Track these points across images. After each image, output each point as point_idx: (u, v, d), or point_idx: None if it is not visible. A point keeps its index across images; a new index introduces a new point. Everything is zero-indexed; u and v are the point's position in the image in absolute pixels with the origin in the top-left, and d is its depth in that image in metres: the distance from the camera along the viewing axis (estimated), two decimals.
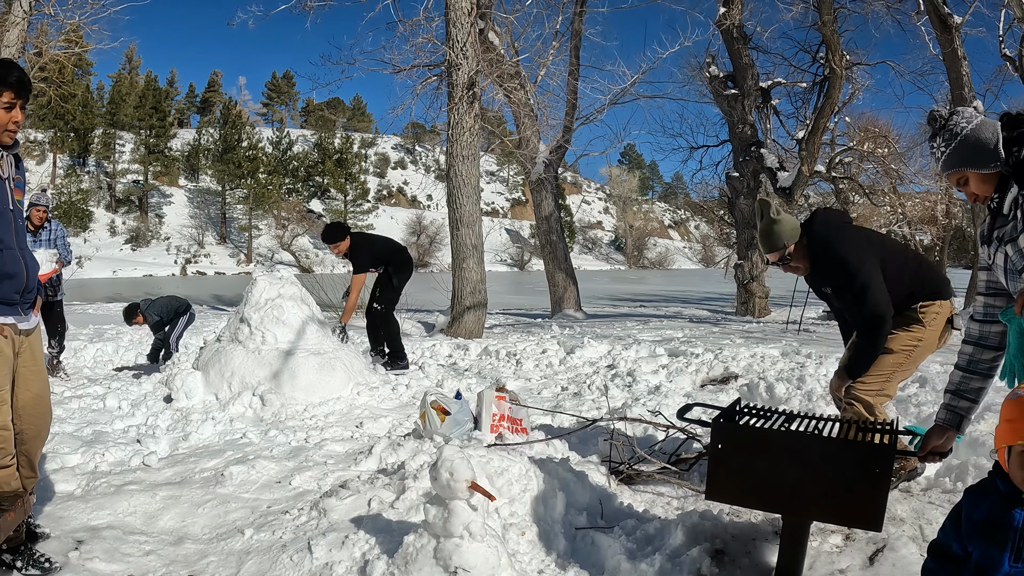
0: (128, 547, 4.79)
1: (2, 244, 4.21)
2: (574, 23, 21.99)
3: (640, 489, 5.37)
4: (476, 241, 14.08)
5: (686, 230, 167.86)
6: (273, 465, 6.21)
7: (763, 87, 22.27)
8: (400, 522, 4.62)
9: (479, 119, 14.49)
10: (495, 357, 11.07)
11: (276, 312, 8.89)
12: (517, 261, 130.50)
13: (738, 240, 23.08)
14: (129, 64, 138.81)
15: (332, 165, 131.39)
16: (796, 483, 3.84)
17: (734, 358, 9.69)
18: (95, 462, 6.61)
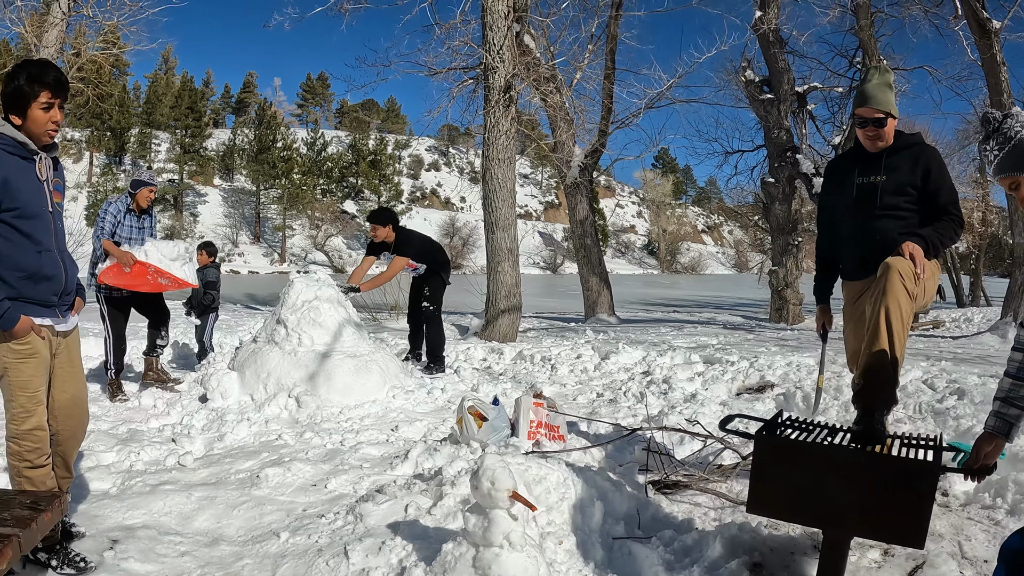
0: (163, 547, 4.79)
1: (41, 246, 4.25)
2: (610, 26, 21.91)
3: (677, 499, 5.30)
4: (511, 245, 14.05)
5: (720, 235, 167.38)
6: (309, 468, 6.20)
7: (799, 92, 22.07)
8: (437, 529, 4.59)
9: (515, 122, 14.45)
10: (530, 362, 11.03)
11: (313, 314, 8.90)
12: (550, 264, 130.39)
13: (773, 246, 22.93)
14: (165, 65, 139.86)
15: (366, 166, 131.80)
16: (839, 498, 3.78)
17: (770, 366, 9.60)
18: (130, 460, 6.64)
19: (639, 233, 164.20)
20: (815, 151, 23.21)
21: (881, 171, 5.05)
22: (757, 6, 21.07)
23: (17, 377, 4.26)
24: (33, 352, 4.28)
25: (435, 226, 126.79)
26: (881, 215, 5.01)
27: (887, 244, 4.75)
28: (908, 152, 5.00)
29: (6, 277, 4.16)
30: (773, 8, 20.78)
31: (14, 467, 4.38)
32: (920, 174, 4.92)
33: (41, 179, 4.28)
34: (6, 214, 4.12)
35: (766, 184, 22.12)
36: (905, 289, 4.30)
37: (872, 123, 5.00)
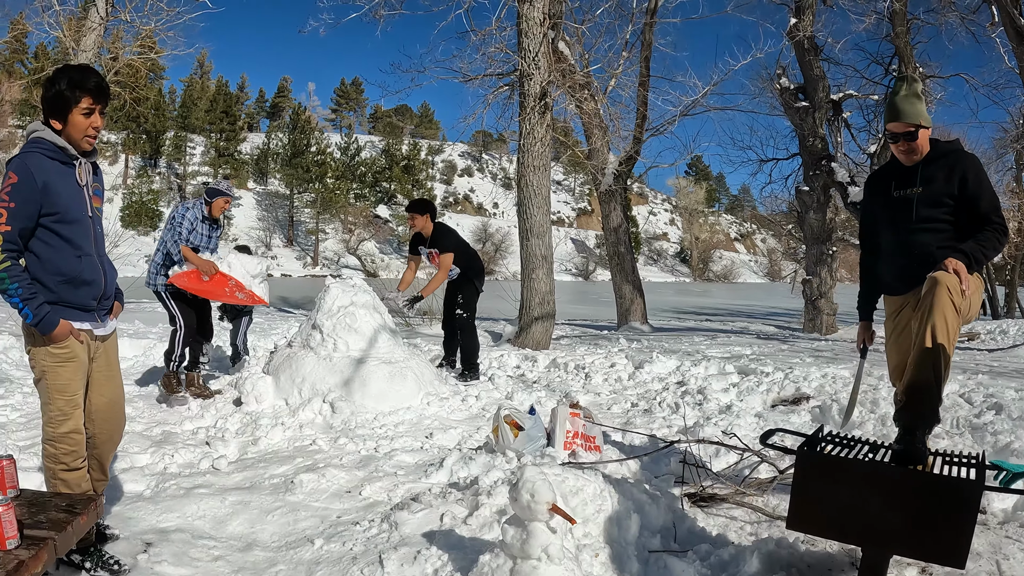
0: (197, 551, 4.81)
1: (81, 251, 4.28)
2: (645, 33, 21.83)
3: (713, 512, 5.26)
4: (546, 252, 14.02)
5: (752, 243, 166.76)
6: (343, 474, 6.20)
7: (834, 99, 21.88)
8: (473, 539, 4.57)
9: (550, 129, 14.43)
10: (563, 370, 10.99)
11: (348, 320, 8.91)
12: (582, 271, 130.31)
13: (807, 255, 22.76)
14: (201, 69, 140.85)
15: (399, 171, 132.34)
16: (880, 515, 3.74)
17: (805, 378, 9.51)
18: (164, 463, 6.68)
19: (671, 241, 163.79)
20: (850, 159, 23.04)
21: (917, 183, 4.99)
22: (792, 13, 20.95)
23: (55, 380, 4.30)
24: (72, 356, 4.32)
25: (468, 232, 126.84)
26: (918, 228, 4.94)
27: (926, 258, 4.71)
28: (944, 161, 4.94)
29: (46, 281, 4.19)
30: (808, 15, 20.63)
31: (50, 469, 4.40)
32: (957, 183, 4.85)
33: (81, 184, 4.31)
34: (46, 219, 4.16)
35: (801, 193, 21.96)
36: (953, 305, 4.25)
37: (904, 137, 4.95)
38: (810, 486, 3.92)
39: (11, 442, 7.15)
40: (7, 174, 4.08)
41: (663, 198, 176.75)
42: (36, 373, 4.35)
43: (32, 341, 4.30)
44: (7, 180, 4.07)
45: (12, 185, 4.06)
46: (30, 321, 4.15)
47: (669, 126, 22.69)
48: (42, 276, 4.19)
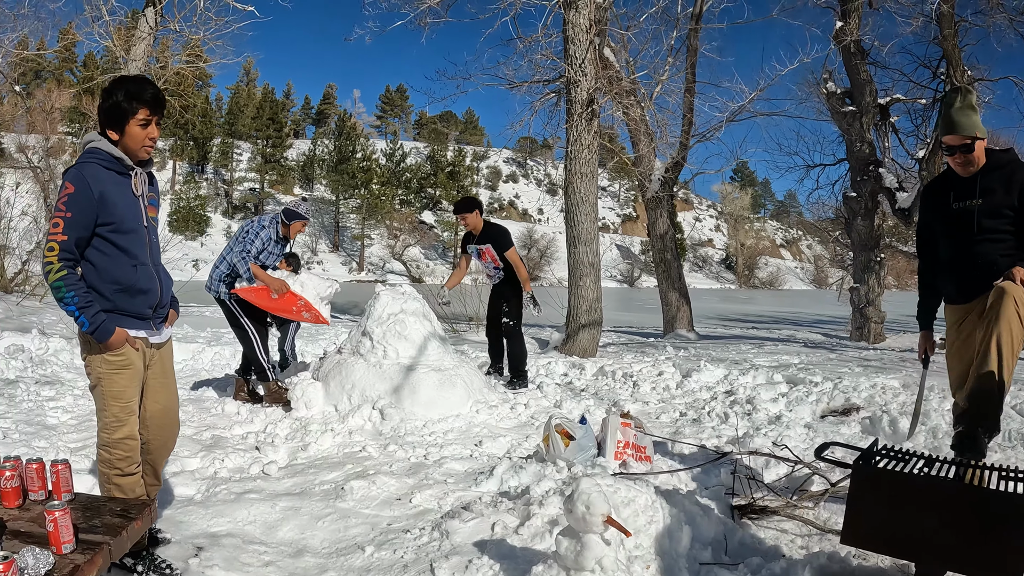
0: (247, 556, 4.83)
1: (136, 260, 4.32)
2: (690, 39, 21.74)
3: (764, 525, 5.21)
4: (593, 259, 13.98)
5: (798, 249, 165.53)
6: (393, 481, 6.20)
7: (881, 104, 21.58)
8: (525, 549, 4.56)
9: (598, 136, 14.40)
10: (611, 378, 10.94)
11: (398, 327, 8.93)
12: (627, 277, 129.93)
13: (854, 262, 22.52)
14: (247, 77, 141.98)
15: (444, 177, 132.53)
16: (936, 531, 3.70)
17: (854, 388, 9.40)
18: (215, 467, 6.73)
19: (717, 247, 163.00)
20: (898, 165, 22.72)
21: (976, 194, 4.96)
22: (838, 16, 20.73)
23: (111, 387, 4.34)
24: (127, 363, 4.36)
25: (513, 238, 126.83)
26: (980, 239, 4.91)
27: (988, 268, 4.67)
28: (1002, 172, 4.90)
29: (102, 290, 4.24)
30: (854, 18, 20.37)
31: (104, 474, 4.44)
32: (1016, 194, 4.81)
33: (136, 194, 4.35)
34: (103, 228, 4.20)
35: (848, 199, 21.70)
36: (1019, 316, 4.21)
37: (960, 150, 4.91)
38: (865, 501, 3.88)
39: (63, 444, 7.25)
40: (63, 184, 4.13)
41: (708, 204, 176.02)
42: (92, 380, 4.39)
43: (88, 349, 4.34)
44: (63, 190, 4.11)
45: (69, 195, 4.10)
46: (86, 329, 4.18)
47: (716, 132, 22.58)
48: (98, 285, 4.24)
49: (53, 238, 4.09)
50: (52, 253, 4.09)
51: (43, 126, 40.14)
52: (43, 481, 3.94)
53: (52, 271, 4.09)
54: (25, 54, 24.77)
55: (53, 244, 4.09)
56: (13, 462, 3.88)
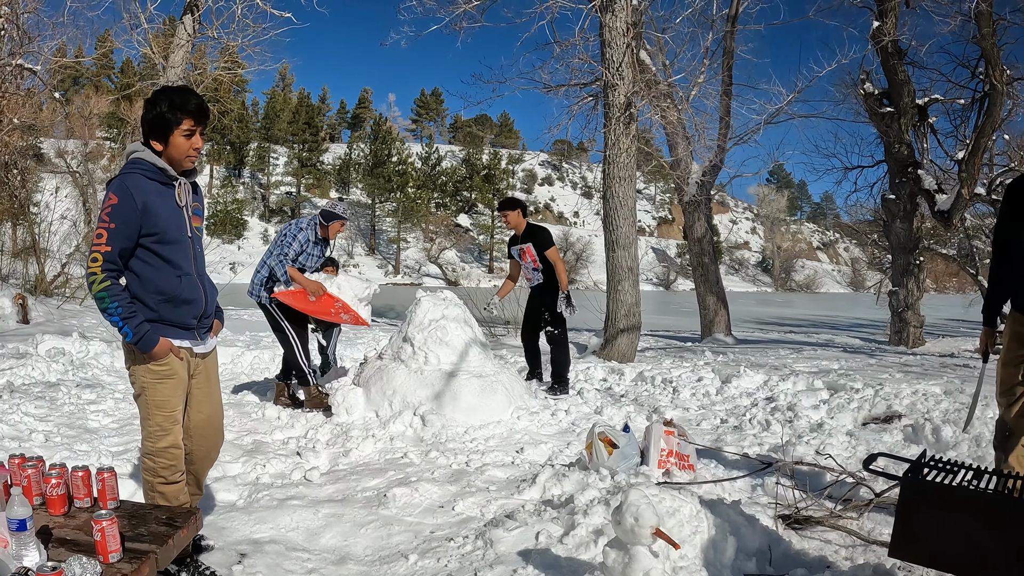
0: (290, 563, 4.84)
1: (180, 270, 4.34)
2: (726, 41, 21.64)
3: (807, 535, 5.17)
4: (632, 263, 13.93)
5: (835, 252, 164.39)
6: (436, 488, 6.21)
7: (920, 104, 21.32)
8: (569, 559, 4.54)
9: (635, 140, 14.36)
10: (651, 384, 10.88)
11: (440, 333, 8.93)
12: (663, 280, 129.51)
13: (893, 265, 22.30)
14: (283, 81, 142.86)
15: (480, 180, 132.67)
16: (987, 546, 3.64)
17: (896, 395, 9.29)
18: (256, 473, 6.76)
19: (753, 250, 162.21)
20: (937, 166, 22.48)
21: None
22: (875, 16, 20.52)
23: (154, 397, 4.36)
24: (171, 373, 4.38)
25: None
26: None
27: None
28: None
29: (146, 300, 4.26)
30: (891, 18, 20.14)
31: (148, 482, 4.47)
32: None
33: (180, 205, 4.36)
34: (146, 239, 4.22)
35: (887, 201, 21.47)
36: None
37: None
38: (914, 515, 3.82)
39: (104, 448, 7.30)
40: (107, 195, 4.15)
41: (744, 207, 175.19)
42: (136, 389, 4.41)
43: (132, 358, 4.37)
44: (107, 201, 4.13)
45: (112, 206, 4.11)
46: (130, 339, 4.20)
47: (753, 134, 22.47)
48: (142, 295, 4.26)
49: (96, 249, 4.11)
50: (95, 264, 4.11)
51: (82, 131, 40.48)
52: (88, 489, 3.96)
53: (96, 282, 4.11)
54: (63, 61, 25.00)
55: (96, 255, 4.11)
56: (59, 470, 3.89)
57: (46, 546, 3.39)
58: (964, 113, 22.26)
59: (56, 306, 19.36)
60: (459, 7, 15.34)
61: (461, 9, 15.38)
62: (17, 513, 3.17)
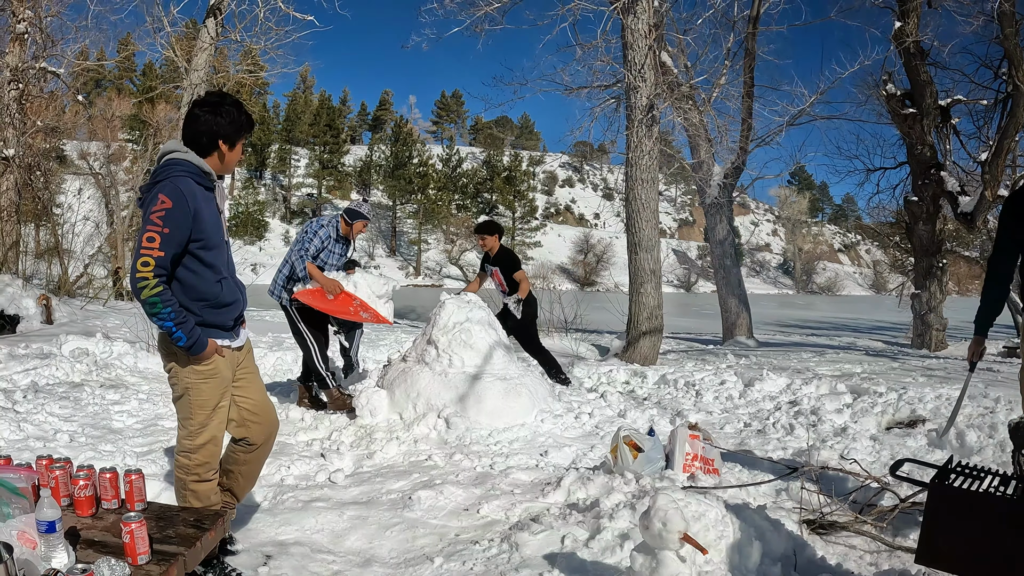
0: (315, 565, 4.85)
1: (220, 275, 4.39)
2: (748, 42, 21.58)
3: (832, 540, 5.14)
4: (654, 266, 13.93)
5: (857, 254, 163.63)
6: (460, 491, 6.20)
7: (942, 105, 21.13)
8: (595, 563, 4.54)
9: (658, 142, 14.34)
10: (673, 387, 10.85)
11: (464, 336, 8.92)
12: (684, 283, 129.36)
13: (915, 268, 22.17)
14: (304, 84, 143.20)
15: (501, 182, 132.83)
16: (1015, 553, 3.61)
17: (920, 399, 9.22)
18: (281, 474, 6.76)
19: (774, 252, 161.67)
20: (960, 168, 22.35)
21: None
22: (897, 17, 20.38)
23: (198, 397, 4.41)
24: (215, 372, 4.43)
25: (569, 242, 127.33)
26: None
27: None
28: None
29: (190, 307, 4.28)
30: (913, 18, 20.00)
31: (181, 480, 4.51)
32: None
33: (220, 210, 4.40)
34: (193, 244, 4.23)
35: (909, 203, 21.32)
36: None
37: None
38: (941, 521, 3.79)
39: (129, 448, 7.33)
40: (157, 197, 4.11)
41: (765, 208, 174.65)
42: (178, 390, 4.45)
43: (175, 360, 4.39)
44: (158, 203, 4.09)
45: (167, 210, 4.08)
46: (183, 344, 4.20)
47: (775, 136, 22.36)
48: (186, 302, 4.28)
49: (148, 253, 4.05)
50: (147, 268, 4.05)
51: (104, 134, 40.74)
52: (116, 490, 3.98)
53: (147, 287, 4.06)
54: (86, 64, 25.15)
55: (148, 259, 4.05)
56: (87, 471, 3.92)
57: (74, 547, 3.41)
58: (987, 114, 22.08)
59: (80, 307, 19.49)
60: (480, 9, 15.35)
61: (482, 11, 15.39)
62: (46, 515, 3.19)
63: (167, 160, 4.28)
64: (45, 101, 23.28)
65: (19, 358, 10.98)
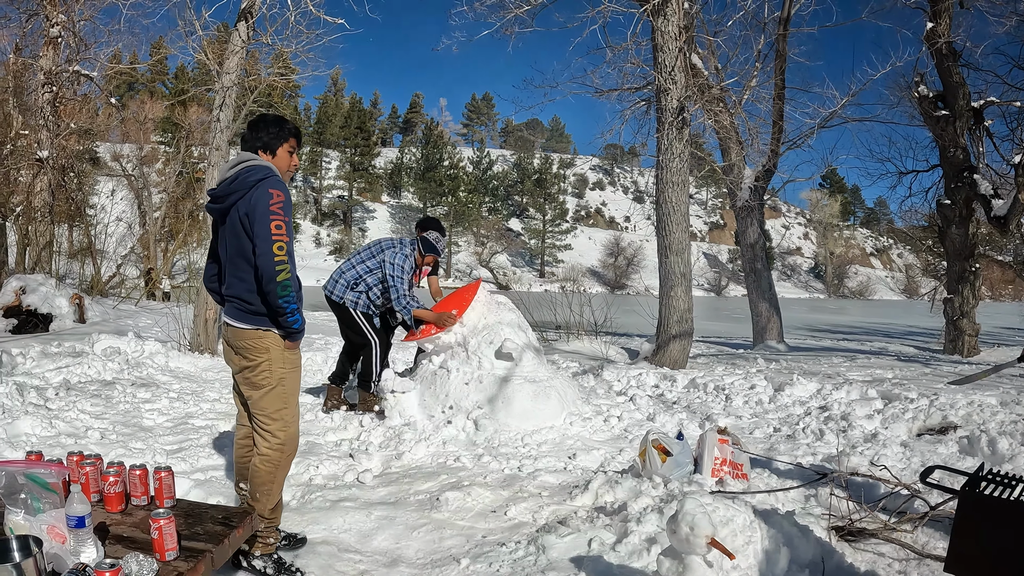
0: (342, 564, 4.86)
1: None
2: (778, 43, 21.43)
3: (861, 547, 5.09)
4: (684, 269, 13.88)
5: (889, 258, 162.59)
6: (488, 493, 6.21)
7: (975, 107, 20.87)
8: (622, 567, 4.53)
9: (689, 145, 14.30)
10: (703, 391, 10.81)
11: (493, 338, 8.91)
12: (714, 286, 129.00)
13: (948, 272, 21.96)
14: (335, 87, 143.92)
15: (531, 185, 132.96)
16: None
17: (951, 405, 9.12)
18: (309, 474, 6.79)
19: (805, 256, 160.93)
20: (993, 170, 22.06)
21: None
22: (928, 17, 20.19)
23: (292, 385, 4.61)
24: (299, 362, 4.67)
25: (599, 245, 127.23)
26: None
27: None
28: None
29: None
30: (945, 19, 19.81)
31: (269, 473, 4.62)
32: None
33: None
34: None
35: (942, 206, 21.09)
36: None
37: None
38: (972, 529, 3.75)
39: (158, 446, 7.39)
40: (268, 192, 4.33)
41: (797, 211, 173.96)
42: (270, 383, 4.54)
43: (268, 354, 4.54)
44: (275, 197, 4.32)
45: (283, 202, 4.34)
46: (297, 326, 4.45)
47: (807, 138, 22.25)
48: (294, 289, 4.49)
49: (280, 239, 4.30)
50: (282, 252, 4.30)
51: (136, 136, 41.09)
52: (146, 487, 4.02)
53: (285, 270, 4.30)
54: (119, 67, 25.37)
55: (282, 244, 4.30)
56: (117, 468, 3.95)
57: (103, 543, 3.44)
58: (1021, 116, 21.81)
59: (112, 306, 19.62)
60: (510, 12, 15.35)
61: (512, 14, 15.38)
62: (76, 510, 3.22)
63: (251, 166, 4.50)
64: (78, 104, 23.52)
65: (52, 356, 11.07)
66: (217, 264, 4.76)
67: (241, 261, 4.43)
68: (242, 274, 4.44)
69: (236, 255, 4.45)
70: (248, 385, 4.58)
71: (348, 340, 9.59)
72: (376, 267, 9.24)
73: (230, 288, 4.53)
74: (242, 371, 4.59)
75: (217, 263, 4.76)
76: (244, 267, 4.42)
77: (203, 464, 6.96)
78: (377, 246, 9.44)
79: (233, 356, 4.64)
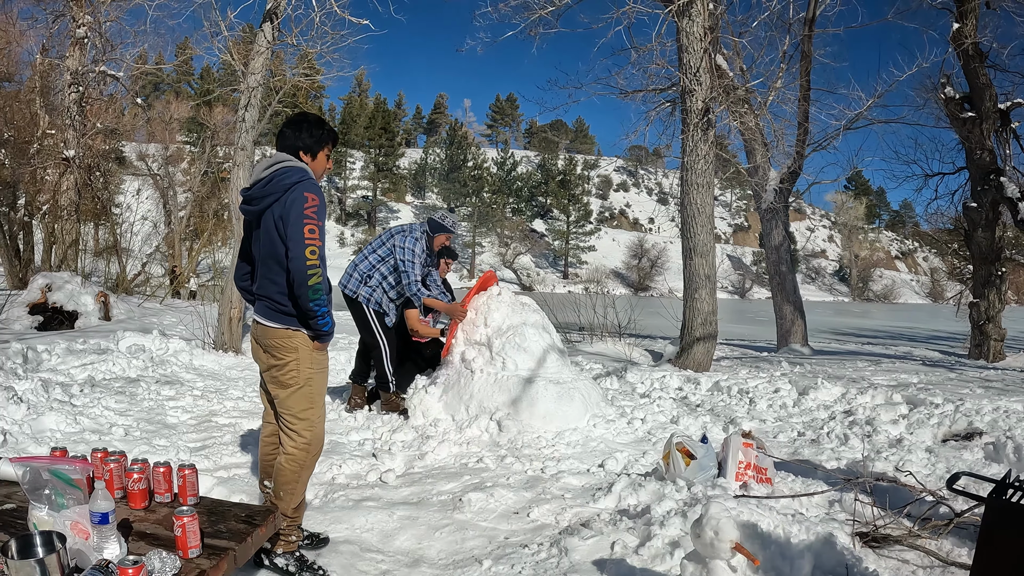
0: (364, 564, 4.87)
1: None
2: (804, 45, 21.32)
3: (884, 554, 5.05)
4: (709, 271, 13.83)
5: (914, 261, 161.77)
6: (511, 494, 6.20)
7: (1002, 109, 20.62)
8: (645, 570, 4.52)
9: (714, 147, 14.24)
10: (727, 394, 10.77)
11: (518, 339, 8.91)
12: (738, 289, 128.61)
13: (974, 276, 21.76)
14: (359, 87, 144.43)
15: (555, 186, 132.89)
16: None
17: (977, 411, 9.03)
18: (332, 473, 6.81)
19: (830, 258, 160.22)
20: (1020, 173, 21.78)
21: None
22: (955, 18, 20.02)
23: (319, 386, 4.65)
24: (327, 363, 4.70)
25: (623, 247, 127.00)
26: None
27: None
28: None
29: None
30: (972, 20, 19.62)
31: (294, 472, 4.65)
32: None
33: None
34: None
35: (968, 209, 20.89)
36: None
37: None
38: (999, 537, 3.71)
39: (182, 443, 7.43)
40: (303, 196, 4.37)
41: (821, 214, 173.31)
42: (298, 382, 4.57)
43: (297, 353, 4.58)
44: (310, 201, 4.36)
45: (317, 206, 4.38)
46: (328, 328, 4.49)
47: (832, 140, 22.12)
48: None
49: (312, 243, 4.34)
50: (315, 257, 4.33)
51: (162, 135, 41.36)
52: (169, 484, 4.03)
53: (317, 275, 4.34)
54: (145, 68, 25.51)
55: (315, 248, 4.34)
56: (141, 465, 3.96)
57: (126, 539, 3.44)
58: None
59: (137, 304, 19.72)
60: (534, 13, 15.32)
61: (536, 15, 15.36)
62: (100, 506, 3.22)
63: (287, 167, 4.54)
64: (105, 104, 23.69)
65: (77, 353, 11.13)
66: (248, 263, 4.82)
67: (273, 263, 4.47)
68: (274, 276, 4.48)
69: (269, 257, 4.49)
70: (275, 384, 4.61)
71: (362, 338, 9.60)
72: (387, 254, 9.18)
73: (261, 288, 4.58)
74: (270, 369, 4.62)
75: (248, 262, 4.82)
76: (276, 269, 4.46)
77: (226, 462, 6.98)
78: (387, 234, 9.41)
79: (261, 354, 4.68)
